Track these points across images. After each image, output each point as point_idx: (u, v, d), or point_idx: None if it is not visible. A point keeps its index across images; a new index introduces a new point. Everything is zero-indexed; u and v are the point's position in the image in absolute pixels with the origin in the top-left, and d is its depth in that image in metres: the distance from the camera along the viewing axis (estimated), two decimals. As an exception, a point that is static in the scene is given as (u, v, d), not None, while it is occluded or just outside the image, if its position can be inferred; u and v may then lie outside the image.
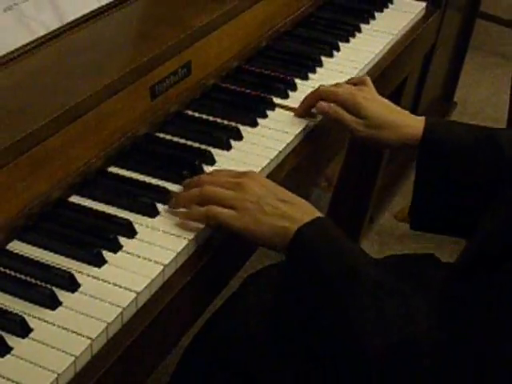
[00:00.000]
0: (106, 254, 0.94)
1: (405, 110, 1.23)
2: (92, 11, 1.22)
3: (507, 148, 1.12)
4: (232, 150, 1.17)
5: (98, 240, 0.96)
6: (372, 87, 1.26)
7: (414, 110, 2.44)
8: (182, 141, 1.18)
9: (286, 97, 1.32)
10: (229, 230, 0.98)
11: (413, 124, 1.18)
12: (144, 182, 1.08)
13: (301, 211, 0.97)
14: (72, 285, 0.89)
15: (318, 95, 1.24)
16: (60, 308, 0.87)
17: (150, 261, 0.94)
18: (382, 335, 0.85)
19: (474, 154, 1.14)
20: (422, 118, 1.19)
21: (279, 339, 1.01)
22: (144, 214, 1.01)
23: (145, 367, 0.92)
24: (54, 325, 0.85)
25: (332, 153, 1.42)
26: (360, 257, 0.94)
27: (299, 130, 1.23)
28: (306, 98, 1.27)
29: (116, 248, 0.95)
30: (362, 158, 2.00)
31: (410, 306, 0.88)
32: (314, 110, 1.26)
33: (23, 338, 0.83)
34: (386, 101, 1.23)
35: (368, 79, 1.28)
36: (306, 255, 0.93)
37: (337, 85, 1.26)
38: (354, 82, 1.28)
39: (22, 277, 0.90)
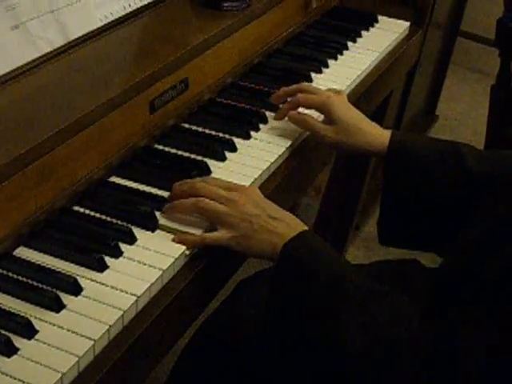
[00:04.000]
0: (108, 260, 0.94)
1: (373, 122, 1.23)
2: (95, 29, 1.22)
3: (470, 159, 1.13)
4: (226, 161, 1.17)
5: (100, 246, 0.96)
6: (345, 97, 1.26)
7: (398, 123, 2.45)
8: (180, 152, 1.18)
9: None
10: (220, 246, 0.99)
11: (380, 133, 1.19)
12: (143, 192, 1.08)
13: (288, 227, 0.98)
14: (75, 289, 0.89)
15: (296, 103, 1.25)
16: (64, 311, 0.87)
17: (150, 266, 0.95)
18: (367, 337, 0.86)
19: (438, 163, 1.14)
20: (388, 130, 1.20)
21: (270, 345, 1.01)
22: (143, 222, 1.01)
23: (144, 367, 0.92)
24: (59, 327, 0.85)
25: (320, 164, 1.42)
26: (343, 265, 0.95)
27: (290, 142, 1.24)
28: (285, 104, 1.27)
29: (117, 254, 0.96)
30: (348, 169, 2.00)
31: (395, 308, 0.88)
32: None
33: (29, 339, 0.83)
34: (358, 111, 1.23)
35: (343, 91, 1.28)
36: (292, 268, 0.94)
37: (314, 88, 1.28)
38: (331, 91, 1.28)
39: (28, 281, 0.90)
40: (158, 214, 1.03)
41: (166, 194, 1.07)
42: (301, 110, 1.27)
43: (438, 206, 1.14)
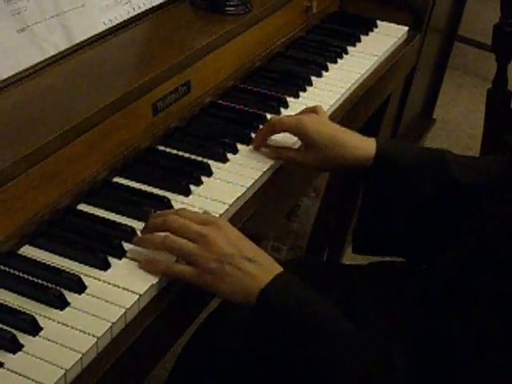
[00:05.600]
0: (111, 259, 0.94)
1: (352, 131, 1.17)
2: (99, 33, 1.22)
3: (456, 169, 1.10)
4: (228, 163, 1.17)
5: (103, 245, 0.96)
6: (322, 113, 1.19)
7: (396, 126, 2.45)
8: (182, 154, 1.18)
9: (279, 114, 1.32)
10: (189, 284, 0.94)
11: (363, 145, 1.13)
12: (146, 192, 1.09)
13: (262, 269, 0.92)
14: (79, 287, 0.90)
15: (270, 128, 1.19)
16: (68, 308, 0.87)
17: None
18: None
19: (424, 172, 1.11)
20: (371, 139, 1.14)
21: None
22: (146, 222, 1.01)
23: (146, 363, 0.93)
24: (63, 324, 0.85)
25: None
26: (323, 309, 0.91)
27: (291, 144, 1.24)
28: (260, 132, 1.21)
29: (120, 253, 0.96)
30: (347, 171, 2.00)
31: (380, 353, 0.86)
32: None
33: (34, 336, 0.83)
34: (336, 125, 1.17)
35: (320, 107, 1.21)
36: (272, 318, 0.90)
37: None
38: (307, 111, 1.22)
39: (33, 279, 0.90)
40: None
41: (167, 194, 1.08)
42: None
43: (423, 216, 1.11)
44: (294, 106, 1.35)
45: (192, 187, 1.10)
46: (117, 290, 0.90)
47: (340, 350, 0.86)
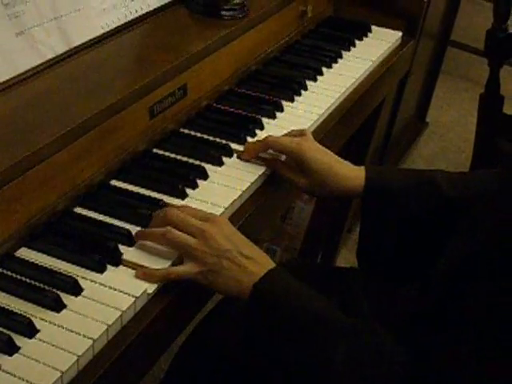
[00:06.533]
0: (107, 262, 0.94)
1: (344, 161, 1.17)
2: (96, 37, 1.22)
3: (446, 187, 1.10)
4: (223, 166, 1.17)
5: (99, 248, 0.95)
6: (310, 136, 1.18)
7: (390, 129, 2.45)
8: (178, 157, 1.18)
9: (274, 117, 1.33)
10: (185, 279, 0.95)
11: (354, 176, 1.14)
12: (142, 195, 1.08)
13: (257, 265, 0.94)
14: (76, 289, 0.89)
15: (265, 145, 1.18)
16: (64, 311, 0.87)
17: (147, 267, 0.94)
18: (356, 375, 0.83)
19: (416, 197, 1.11)
20: (361, 168, 1.15)
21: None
22: (142, 225, 1.01)
23: (142, 365, 0.92)
24: (59, 326, 0.85)
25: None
26: (317, 302, 0.91)
27: (285, 148, 1.24)
28: (252, 146, 1.20)
29: (116, 255, 0.95)
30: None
31: (379, 346, 0.86)
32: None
33: (30, 338, 0.83)
34: (328, 152, 1.17)
35: (307, 131, 1.20)
36: (266, 311, 0.91)
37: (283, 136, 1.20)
38: (294, 134, 1.20)
39: (30, 281, 0.90)
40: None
41: (164, 197, 1.07)
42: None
43: (417, 235, 1.11)
44: (290, 110, 1.35)
45: (188, 190, 1.09)
46: (113, 293, 0.90)
47: (333, 340, 0.86)
